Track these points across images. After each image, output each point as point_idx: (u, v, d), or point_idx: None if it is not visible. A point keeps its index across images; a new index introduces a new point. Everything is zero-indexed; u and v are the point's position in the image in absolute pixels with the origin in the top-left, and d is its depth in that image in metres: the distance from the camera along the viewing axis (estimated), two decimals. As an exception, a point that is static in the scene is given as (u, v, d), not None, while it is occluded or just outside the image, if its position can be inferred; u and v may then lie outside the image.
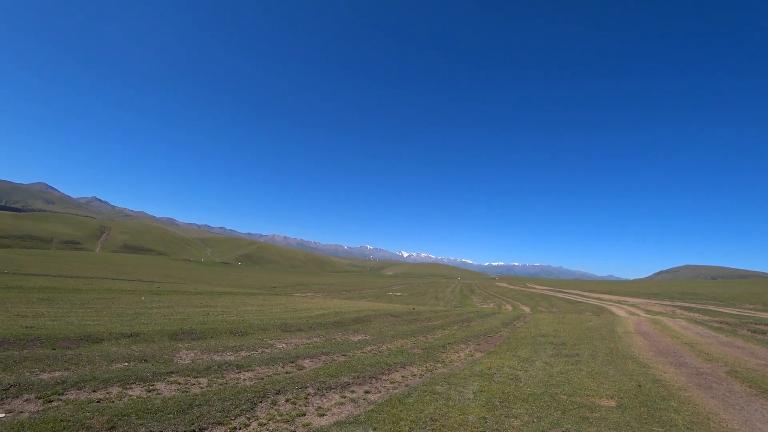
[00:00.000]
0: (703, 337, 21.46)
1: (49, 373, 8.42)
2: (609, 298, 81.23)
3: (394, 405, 8.31)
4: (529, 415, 8.07)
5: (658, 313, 50.58)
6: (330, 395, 8.80)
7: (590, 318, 34.86)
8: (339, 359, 12.60)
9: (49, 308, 18.13)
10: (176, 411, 6.90)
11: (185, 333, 13.89)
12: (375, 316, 24.93)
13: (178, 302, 26.46)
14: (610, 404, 9.07)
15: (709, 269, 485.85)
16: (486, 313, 36.62)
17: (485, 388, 9.94)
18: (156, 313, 19.34)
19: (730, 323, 28.61)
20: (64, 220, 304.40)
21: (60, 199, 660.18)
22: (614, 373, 12.29)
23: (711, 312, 49.04)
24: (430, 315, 30.32)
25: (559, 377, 11.55)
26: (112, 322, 14.84)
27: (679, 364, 14.15)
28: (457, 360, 13.94)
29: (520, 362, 13.65)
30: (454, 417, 7.72)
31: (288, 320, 19.78)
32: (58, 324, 13.50)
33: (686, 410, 8.83)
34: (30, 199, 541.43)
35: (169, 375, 9.04)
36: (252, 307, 27.87)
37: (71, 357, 9.59)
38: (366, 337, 17.56)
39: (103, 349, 10.76)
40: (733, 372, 12.80)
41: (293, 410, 7.68)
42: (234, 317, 19.96)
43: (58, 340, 11.02)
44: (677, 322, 30.96)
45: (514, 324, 26.92)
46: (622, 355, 15.75)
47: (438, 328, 22.65)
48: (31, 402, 6.81)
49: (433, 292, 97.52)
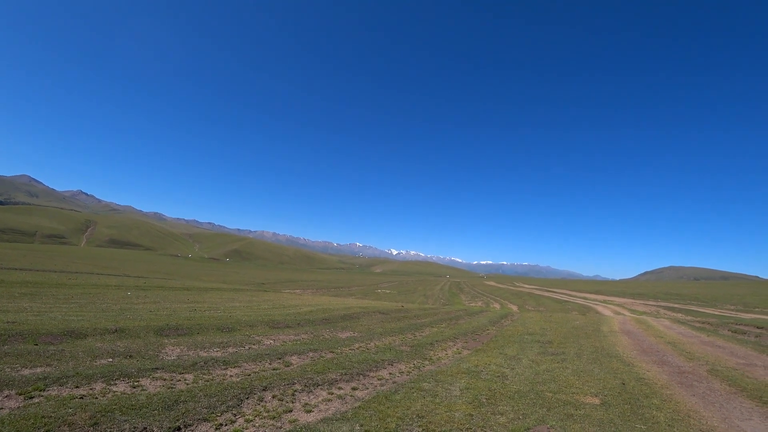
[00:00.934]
0: (686, 337, 21.92)
1: (30, 368, 8.26)
2: (595, 298, 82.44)
3: (381, 402, 8.33)
4: (514, 412, 8.16)
5: (642, 312, 51.50)
6: (317, 392, 8.79)
7: (576, 317, 35.35)
8: (327, 356, 12.59)
9: (32, 303, 17.76)
10: (161, 407, 6.83)
11: (171, 329, 13.73)
12: (363, 314, 24.94)
13: (165, 298, 26.15)
14: (595, 402, 9.21)
15: (693, 270, 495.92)
16: (474, 312, 36.88)
17: (472, 386, 10.03)
18: (142, 308, 19.09)
19: (712, 323, 29.26)
20: (49, 213, 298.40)
21: (44, 192, 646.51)
22: (599, 372, 12.49)
23: (693, 312, 50.09)
24: (419, 313, 30.43)
25: (545, 375, 11.70)
26: (96, 318, 14.60)
27: (661, 363, 14.44)
28: (445, 357, 14.03)
29: (506, 360, 13.79)
30: (441, 414, 7.78)
31: (276, 317, 19.68)
32: (41, 319, 13.23)
33: (668, 408, 9.02)
34: (13, 192, 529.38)
35: (155, 371, 8.94)
36: (240, 303, 27.65)
37: (54, 353, 9.42)
38: (354, 334, 17.56)
39: (87, 345, 10.59)
40: (713, 371, 13.10)
41: (280, 407, 7.66)
42: (221, 313, 19.80)
43: (40, 335, 10.81)
44: (661, 322, 31.57)
45: (502, 322, 27.17)
46: (607, 353, 16.01)
47: (426, 325, 22.76)
48: (12, 398, 6.67)
49: (421, 290, 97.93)
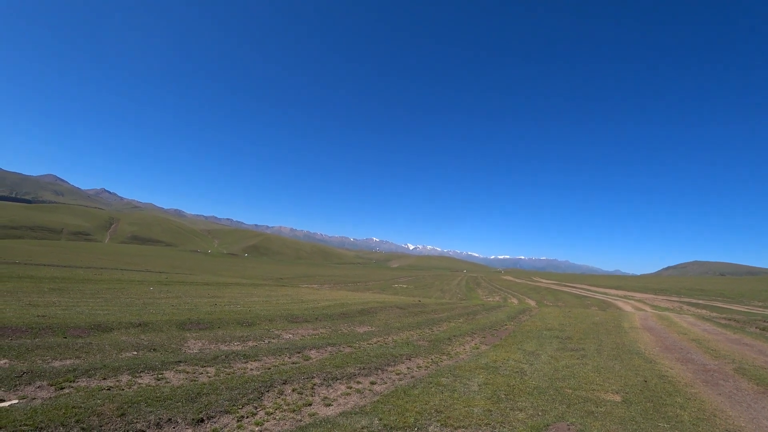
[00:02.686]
0: (711, 334, 21.31)
1: (60, 360, 8.58)
2: (616, 293, 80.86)
3: (400, 396, 8.37)
4: (534, 408, 8.09)
5: (665, 308, 50.26)
6: (336, 386, 8.88)
7: (596, 312, 34.75)
8: (345, 350, 12.70)
9: (60, 298, 18.41)
10: (185, 399, 7.01)
11: (193, 323, 14.05)
12: (381, 308, 25.03)
13: (186, 293, 26.75)
14: (616, 399, 9.06)
15: (718, 265, 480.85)
16: (492, 306, 36.60)
17: (490, 381, 9.98)
18: (164, 303, 19.58)
19: (739, 320, 28.37)
20: (74, 211, 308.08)
21: (69, 191, 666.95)
22: (620, 368, 12.27)
23: (719, 309, 48.63)
24: (436, 307, 30.38)
25: (565, 371, 11.55)
26: (121, 312, 15.05)
27: (685, 361, 14.09)
28: (463, 352, 13.99)
29: (525, 356, 13.66)
30: (459, 409, 7.77)
31: (294, 311, 19.92)
32: (69, 313, 13.71)
33: (692, 406, 8.80)
34: (40, 191, 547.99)
35: (178, 364, 9.17)
36: (259, 297, 28.10)
37: (82, 345, 9.75)
38: (372, 329, 17.65)
39: (113, 338, 10.93)
40: (740, 369, 12.71)
41: (300, 400, 7.77)
42: (241, 308, 20.15)
43: (68, 328, 11.20)
44: (684, 318, 30.77)
45: (520, 317, 26.90)
46: (628, 350, 15.70)
47: (443, 320, 22.70)
48: (44, 389, 6.95)
49: (438, 284, 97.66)
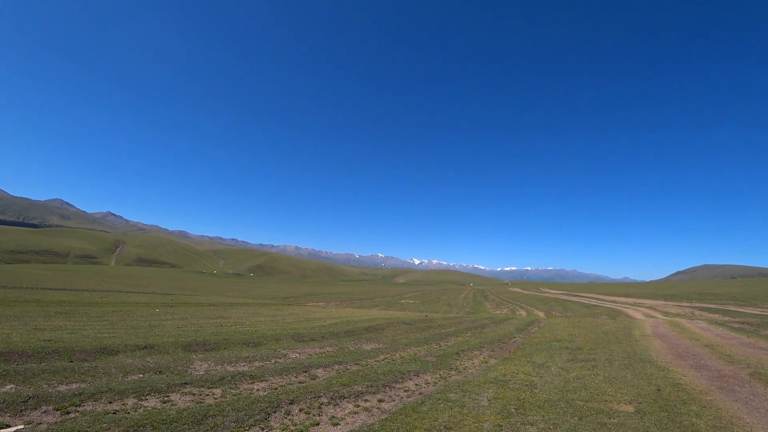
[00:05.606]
0: (724, 339, 20.92)
1: (66, 384, 8.55)
2: (625, 301, 79.75)
3: (408, 413, 8.25)
4: (545, 421, 7.94)
5: (676, 314, 49.44)
6: (343, 404, 8.77)
7: (606, 321, 34.26)
8: (352, 368, 12.57)
9: (67, 321, 18.43)
10: (191, 422, 6.95)
11: (199, 344, 14.00)
12: (387, 325, 24.82)
13: (192, 314, 26.69)
14: (629, 409, 8.87)
15: (728, 268, 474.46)
16: (500, 319, 36.19)
17: (500, 395, 9.82)
18: (170, 324, 19.54)
19: (752, 323, 27.86)
20: (80, 235, 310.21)
21: (75, 215, 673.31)
22: (632, 378, 12.04)
23: (731, 312, 47.78)
24: (443, 322, 30.08)
25: (576, 383, 11.36)
26: (127, 335, 15.03)
27: (699, 367, 13.81)
28: (471, 367, 13.80)
29: (535, 368, 13.46)
30: (469, 425, 7.63)
31: (301, 330, 19.80)
32: (75, 337, 13.71)
33: (708, 414, 8.60)
34: (47, 215, 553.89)
35: (184, 386, 9.11)
36: (265, 317, 27.97)
37: (88, 369, 9.73)
38: (379, 346, 17.49)
39: (119, 361, 10.90)
40: (756, 374, 12.44)
41: (307, 420, 7.68)
42: (247, 328, 20.06)
43: (75, 352, 11.20)
44: (696, 324, 30.24)
45: (529, 329, 26.56)
46: (640, 358, 15.43)
47: (451, 335, 22.46)
48: (50, 413, 6.92)
49: (445, 299, 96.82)
